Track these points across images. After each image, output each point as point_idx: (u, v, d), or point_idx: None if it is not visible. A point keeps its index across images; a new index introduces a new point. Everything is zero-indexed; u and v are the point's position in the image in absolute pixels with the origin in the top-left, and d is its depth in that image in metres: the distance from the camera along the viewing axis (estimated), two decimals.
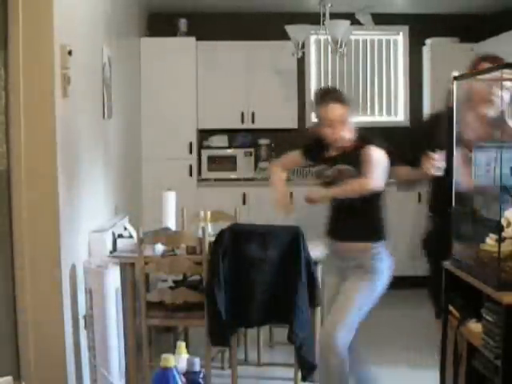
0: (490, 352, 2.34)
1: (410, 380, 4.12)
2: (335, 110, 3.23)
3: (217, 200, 5.66)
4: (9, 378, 2.43)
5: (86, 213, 3.92)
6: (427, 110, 6.75)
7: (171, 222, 4.15)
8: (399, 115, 6.97)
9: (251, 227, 3.82)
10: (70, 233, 3.55)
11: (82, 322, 3.68)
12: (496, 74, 2.53)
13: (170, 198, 4.18)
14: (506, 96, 3.02)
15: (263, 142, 6.69)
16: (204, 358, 3.75)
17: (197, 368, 3.66)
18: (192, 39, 6.42)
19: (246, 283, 3.56)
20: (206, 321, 3.64)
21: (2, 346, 3.15)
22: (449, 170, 3.07)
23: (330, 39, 5.28)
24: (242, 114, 6.53)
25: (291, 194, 3.47)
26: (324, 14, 5.24)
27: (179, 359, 3.88)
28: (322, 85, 6.94)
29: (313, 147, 3.40)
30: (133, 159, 5.93)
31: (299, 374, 3.83)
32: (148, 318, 3.74)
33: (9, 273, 3.21)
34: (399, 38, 6.97)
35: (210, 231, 3.91)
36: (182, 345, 4.02)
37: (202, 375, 3.63)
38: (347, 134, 3.28)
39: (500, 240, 2.41)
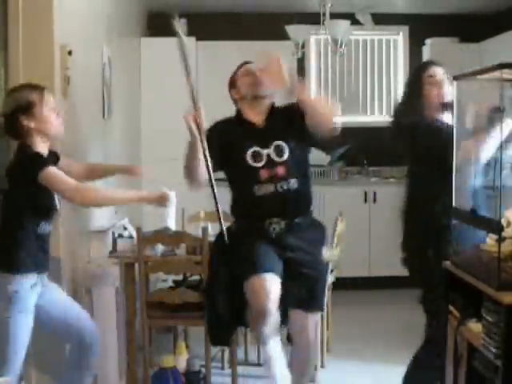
0: (490, 352, 2.34)
1: None
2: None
3: None
4: (9, 378, 2.43)
5: (85, 213, 3.92)
6: None
7: (171, 222, 4.14)
8: None
9: None
10: (70, 233, 3.55)
11: None
12: (496, 74, 2.53)
13: (170, 198, 4.17)
14: None
15: None
16: (204, 358, 3.76)
17: (197, 368, 3.65)
18: (192, 39, 6.41)
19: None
20: (205, 321, 3.63)
21: (1, 346, 3.14)
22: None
23: (329, 39, 5.28)
24: None
25: None
26: (324, 14, 5.24)
27: (179, 359, 3.88)
28: (322, 85, 6.94)
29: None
30: (133, 159, 5.93)
31: None
32: (148, 318, 3.74)
33: None
34: (399, 38, 6.97)
35: (210, 231, 3.91)
36: (182, 345, 4.03)
37: (201, 375, 3.63)
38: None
39: (500, 240, 2.41)
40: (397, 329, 5.09)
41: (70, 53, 3.47)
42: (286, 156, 3.21)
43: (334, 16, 5.30)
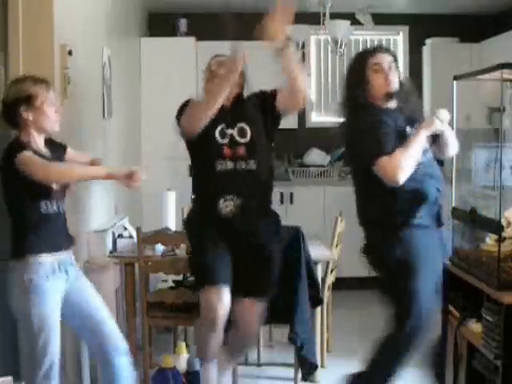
0: (490, 352, 2.34)
1: (410, 380, 4.12)
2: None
3: None
4: (9, 378, 2.43)
5: (86, 213, 3.92)
6: (427, 109, 6.75)
7: (171, 222, 4.15)
8: None
9: None
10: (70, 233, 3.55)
11: None
12: (496, 74, 2.53)
13: (170, 198, 4.18)
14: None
15: None
16: None
17: (197, 368, 3.64)
18: (192, 39, 6.41)
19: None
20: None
21: (1, 346, 3.14)
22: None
23: (329, 39, 5.28)
24: None
25: None
26: (324, 14, 5.24)
27: (179, 359, 3.87)
28: (322, 85, 6.94)
29: None
30: (133, 159, 5.92)
31: (299, 374, 3.84)
32: (148, 318, 3.74)
33: None
34: (399, 38, 6.96)
35: None
36: (182, 345, 4.02)
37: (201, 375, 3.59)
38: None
39: (500, 240, 2.41)
40: None
41: (70, 53, 3.47)
42: (247, 138, 3.27)
43: (334, 16, 5.30)
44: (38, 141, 2.84)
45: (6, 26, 3.23)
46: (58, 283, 2.80)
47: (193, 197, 3.43)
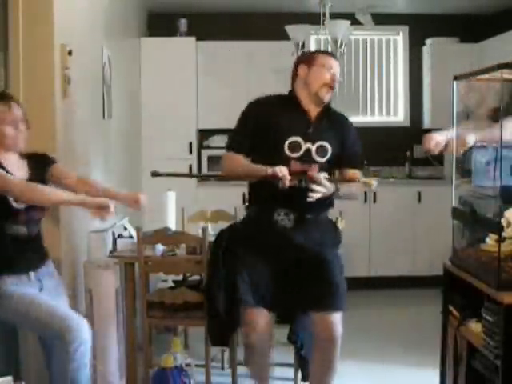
0: (490, 352, 2.34)
1: (410, 380, 4.12)
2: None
3: (217, 200, 5.65)
4: (9, 378, 2.43)
5: (86, 213, 3.92)
6: (427, 110, 6.76)
7: (171, 222, 4.14)
8: (399, 115, 6.97)
9: None
10: (70, 233, 3.55)
11: None
12: (496, 74, 2.53)
13: (170, 198, 4.17)
14: None
15: None
16: (204, 357, 3.75)
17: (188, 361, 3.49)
18: (192, 39, 6.42)
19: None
20: (205, 321, 3.64)
21: (1, 346, 3.14)
22: None
23: (329, 39, 5.28)
24: None
25: None
26: (324, 14, 5.24)
27: (176, 355, 3.80)
28: None
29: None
30: (133, 159, 5.93)
31: (299, 374, 3.83)
32: (148, 318, 3.74)
33: None
34: (399, 38, 6.97)
35: (210, 231, 3.91)
36: (176, 340, 3.98)
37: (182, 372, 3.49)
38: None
39: (500, 240, 2.41)
40: (396, 329, 5.09)
41: (70, 53, 3.47)
42: (326, 158, 3.19)
43: (334, 16, 5.30)
44: (8, 158, 2.85)
45: (6, 26, 3.23)
46: (28, 289, 2.85)
47: (247, 208, 3.36)
